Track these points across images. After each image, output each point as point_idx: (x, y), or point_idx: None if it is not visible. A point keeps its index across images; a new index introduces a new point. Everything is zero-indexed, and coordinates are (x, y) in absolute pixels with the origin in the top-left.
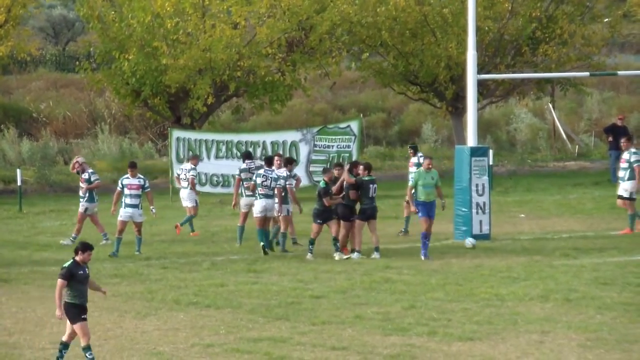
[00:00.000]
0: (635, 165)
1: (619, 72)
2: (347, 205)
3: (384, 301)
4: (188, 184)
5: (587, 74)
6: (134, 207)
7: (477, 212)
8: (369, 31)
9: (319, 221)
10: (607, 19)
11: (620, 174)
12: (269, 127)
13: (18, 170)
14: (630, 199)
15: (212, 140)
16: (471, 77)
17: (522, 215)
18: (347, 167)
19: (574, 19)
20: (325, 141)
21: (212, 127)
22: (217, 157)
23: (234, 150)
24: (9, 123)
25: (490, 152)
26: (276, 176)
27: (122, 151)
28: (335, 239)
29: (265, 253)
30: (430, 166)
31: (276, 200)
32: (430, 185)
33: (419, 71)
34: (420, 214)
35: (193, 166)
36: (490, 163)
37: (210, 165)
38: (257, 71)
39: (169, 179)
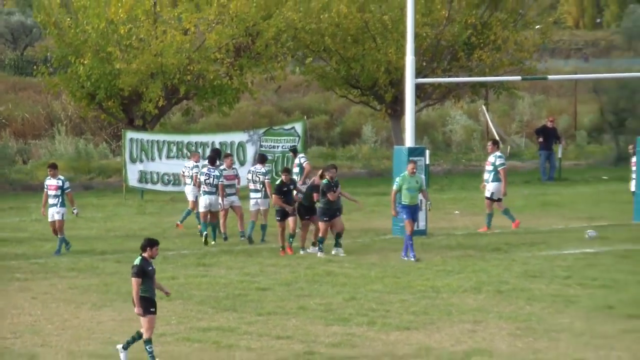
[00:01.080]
0: (500, 168)
1: (549, 77)
2: (309, 205)
3: (326, 293)
4: (192, 181)
5: (519, 78)
6: (52, 206)
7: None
8: (313, 37)
9: (325, 219)
10: (538, 26)
11: (485, 176)
12: (217, 129)
13: None
14: (491, 199)
15: (164, 141)
16: (409, 81)
17: (457, 212)
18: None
19: (507, 25)
20: (271, 142)
21: (163, 128)
22: (168, 157)
23: (184, 151)
24: None
25: (427, 152)
26: (218, 174)
27: (78, 151)
28: (322, 238)
29: (205, 243)
30: (414, 171)
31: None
32: (415, 189)
33: (360, 75)
34: (405, 217)
35: (195, 163)
36: (427, 162)
37: (161, 165)
38: (206, 75)
39: (122, 177)
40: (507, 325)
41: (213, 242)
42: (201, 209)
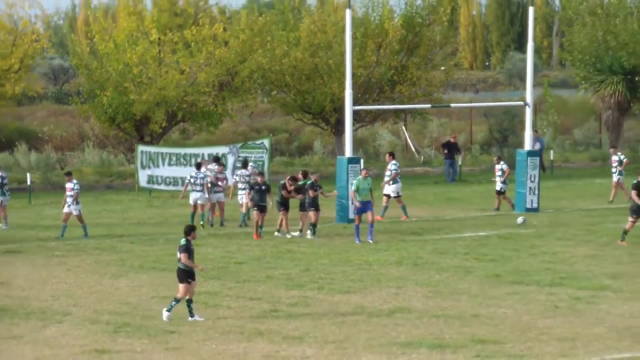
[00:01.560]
0: (393, 172)
1: (452, 105)
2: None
3: (287, 266)
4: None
5: (429, 106)
6: (71, 205)
7: (351, 203)
8: (277, 76)
9: (312, 208)
10: (443, 67)
11: (386, 179)
12: (206, 143)
13: (28, 174)
14: (398, 196)
15: (166, 153)
16: (348, 108)
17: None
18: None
19: (420, 67)
20: (246, 153)
21: (165, 143)
22: (169, 164)
23: (182, 160)
24: (22, 141)
25: (362, 161)
26: (203, 175)
27: (102, 160)
28: (314, 225)
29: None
30: (366, 175)
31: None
32: (367, 189)
33: (311, 104)
34: (356, 213)
35: (205, 169)
36: (361, 169)
37: (165, 170)
38: (198, 104)
39: (135, 180)
40: (422, 289)
41: (202, 224)
42: (191, 202)
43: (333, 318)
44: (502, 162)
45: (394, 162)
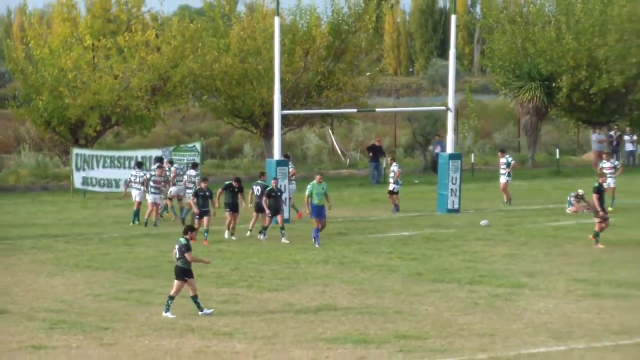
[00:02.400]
0: (397, 171)
1: (377, 109)
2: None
3: (218, 264)
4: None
5: (355, 110)
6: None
7: (284, 204)
8: (208, 81)
9: (270, 215)
10: (368, 73)
11: (391, 180)
12: (139, 146)
13: None
14: (394, 193)
15: (100, 155)
16: (277, 113)
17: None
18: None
19: (346, 72)
20: (178, 156)
21: (100, 146)
22: (104, 167)
23: (116, 162)
24: None
25: (290, 163)
26: (142, 174)
27: (38, 163)
28: (282, 227)
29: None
30: (321, 180)
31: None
32: (321, 193)
33: (241, 108)
34: (312, 215)
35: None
36: (290, 170)
37: (99, 172)
38: (131, 108)
39: (70, 181)
40: (347, 287)
41: (137, 223)
42: (149, 200)
43: (262, 315)
44: (507, 155)
45: (395, 164)
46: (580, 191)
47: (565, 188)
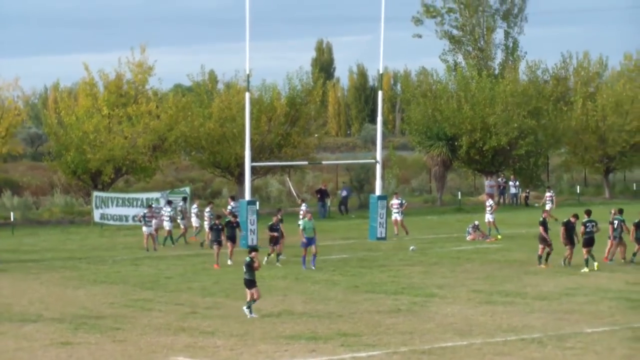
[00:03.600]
0: (404, 204)
1: (323, 162)
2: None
3: (203, 279)
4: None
5: (306, 162)
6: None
7: (250, 233)
8: (195, 141)
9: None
10: (316, 135)
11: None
12: (144, 190)
13: (12, 213)
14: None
15: (114, 197)
16: (247, 164)
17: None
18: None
19: (300, 134)
20: (173, 197)
21: (113, 190)
22: (117, 205)
23: (126, 202)
24: (6, 188)
25: (257, 203)
26: (170, 210)
27: (66, 202)
28: (279, 254)
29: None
30: (310, 218)
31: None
32: (311, 228)
33: (221, 161)
34: (302, 246)
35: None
36: (257, 209)
37: (113, 210)
38: (137, 161)
39: (91, 217)
40: (301, 296)
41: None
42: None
43: (237, 318)
44: (400, 197)
45: (399, 197)
46: (477, 222)
47: (466, 221)
